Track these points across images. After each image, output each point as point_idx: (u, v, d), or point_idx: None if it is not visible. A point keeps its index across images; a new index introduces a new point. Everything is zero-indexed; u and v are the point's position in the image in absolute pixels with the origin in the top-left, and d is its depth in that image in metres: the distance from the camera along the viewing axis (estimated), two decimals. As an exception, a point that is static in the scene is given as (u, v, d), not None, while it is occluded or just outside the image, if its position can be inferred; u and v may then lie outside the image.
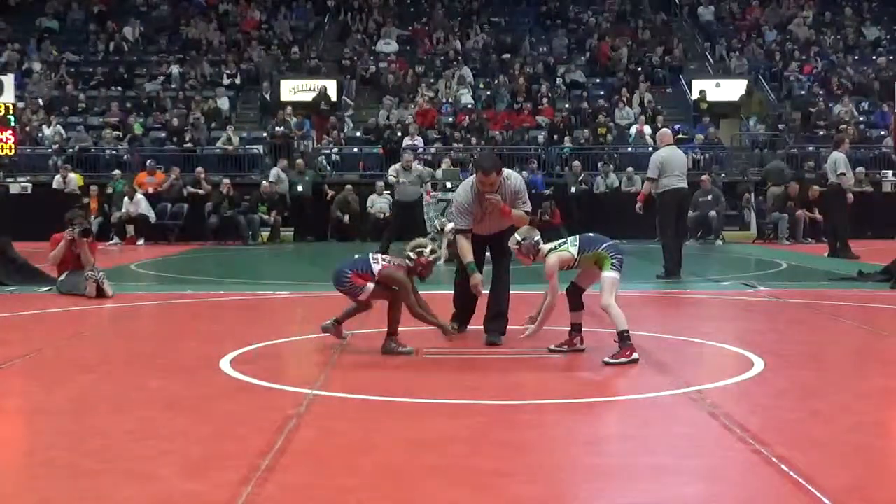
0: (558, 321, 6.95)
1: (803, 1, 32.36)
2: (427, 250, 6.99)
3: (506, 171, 7.44)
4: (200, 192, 21.59)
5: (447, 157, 23.28)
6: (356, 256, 7.03)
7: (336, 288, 7.02)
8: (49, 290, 10.87)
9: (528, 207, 7.50)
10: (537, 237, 6.77)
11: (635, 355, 6.42)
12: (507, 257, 7.43)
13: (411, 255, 6.95)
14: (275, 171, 21.59)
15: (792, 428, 4.82)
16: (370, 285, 6.83)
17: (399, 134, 24.59)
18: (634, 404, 5.44)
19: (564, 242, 6.73)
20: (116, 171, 22.26)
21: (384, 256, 7.08)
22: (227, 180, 21.43)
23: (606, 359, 6.44)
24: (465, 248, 7.32)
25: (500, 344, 7.28)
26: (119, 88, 27.89)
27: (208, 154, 24.31)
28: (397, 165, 17.10)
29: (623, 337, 6.47)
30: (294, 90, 27.07)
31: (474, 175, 7.44)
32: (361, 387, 5.80)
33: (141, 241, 20.26)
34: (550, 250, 6.67)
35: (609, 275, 6.54)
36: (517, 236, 6.79)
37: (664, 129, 14.81)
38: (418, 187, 17.23)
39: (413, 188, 16.83)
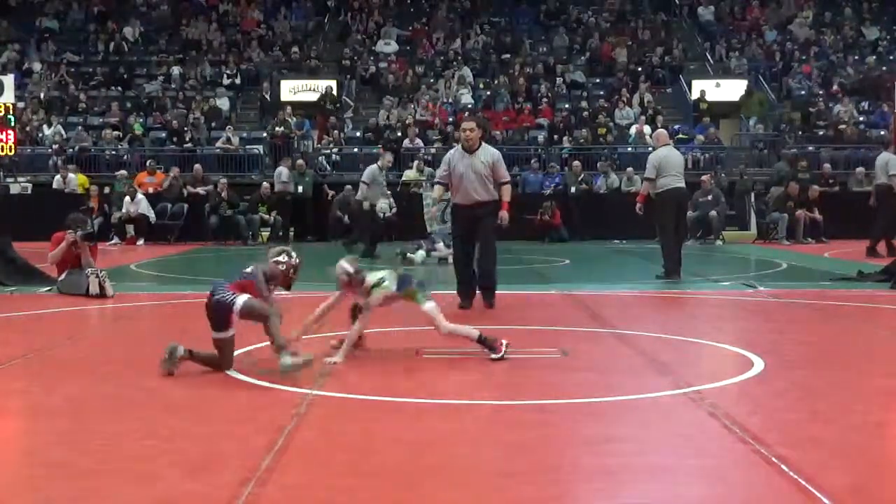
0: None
1: (803, 1, 32.34)
2: (294, 256, 6.67)
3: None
4: (200, 192, 21.57)
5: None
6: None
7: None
8: (49, 290, 10.87)
9: (508, 178, 9.15)
10: (364, 274, 6.87)
11: (504, 342, 6.62)
12: (492, 235, 8.84)
13: (280, 258, 6.61)
14: (284, 172, 21.43)
15: (792, 428, 4.82)
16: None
17: (399, 134, 24.59)
18: (634, 404, 5.43)
19: (383, 280, 6.86)
20: (122, 172, 22.18)
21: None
22: (223, 180, 21.39)
23: (493, 356, 6.55)
24: (439, 191, 9.44)
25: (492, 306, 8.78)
26: (119, 88, 27.88)
27: (208, 154, 24.30)
28: (376, 168, 16.80)
29: (483, 341, 6.64)
30: (294, 90, 27.06)
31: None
32: (361, 387, 5.80)
33: (141, 241, 20.25)
34: (374, 286, 6.83)
35: (428, 305, 6.80)
36: (348, 268, 6.79)
37: (661, 130, 14.84)
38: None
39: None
